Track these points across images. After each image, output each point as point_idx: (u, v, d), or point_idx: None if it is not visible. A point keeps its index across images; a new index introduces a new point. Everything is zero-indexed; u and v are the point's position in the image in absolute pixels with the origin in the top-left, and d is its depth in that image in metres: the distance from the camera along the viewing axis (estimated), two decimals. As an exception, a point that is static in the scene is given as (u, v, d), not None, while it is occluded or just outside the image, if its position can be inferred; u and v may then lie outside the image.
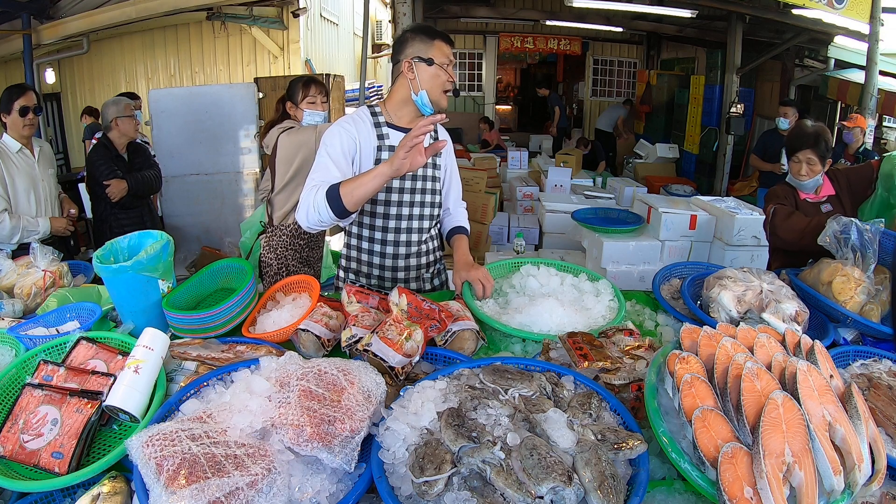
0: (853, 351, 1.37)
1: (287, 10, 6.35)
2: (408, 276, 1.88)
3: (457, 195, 2.01)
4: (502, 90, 14.05)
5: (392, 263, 1.84)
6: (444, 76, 1.67)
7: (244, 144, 5.14)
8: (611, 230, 3.56)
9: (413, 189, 1.79)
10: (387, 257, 1.83)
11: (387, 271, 1.85)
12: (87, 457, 1.08)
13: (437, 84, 1.68)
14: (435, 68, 1.66)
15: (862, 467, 0.88)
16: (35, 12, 5.31)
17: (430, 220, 1.87)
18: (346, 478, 0.95)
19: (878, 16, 4.99)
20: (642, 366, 1.23)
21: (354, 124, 1.71)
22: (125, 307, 1.50)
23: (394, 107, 1.75)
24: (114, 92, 6.81)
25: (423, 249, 1.88)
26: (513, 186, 5.60)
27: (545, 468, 0.85)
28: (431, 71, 1.66)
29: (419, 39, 1.67)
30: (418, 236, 1.85)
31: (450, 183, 1.97)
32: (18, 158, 2.66)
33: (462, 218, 2.01)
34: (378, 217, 1.78)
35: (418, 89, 1.67)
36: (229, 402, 1.03)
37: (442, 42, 1.68)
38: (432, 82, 1.67)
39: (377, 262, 1.84)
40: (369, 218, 1.79)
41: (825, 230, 1.64)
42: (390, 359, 1.21)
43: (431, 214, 1.86)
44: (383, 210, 1.77)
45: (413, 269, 1.88)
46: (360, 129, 1.70)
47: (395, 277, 1.86)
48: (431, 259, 1.94)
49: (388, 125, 1.74)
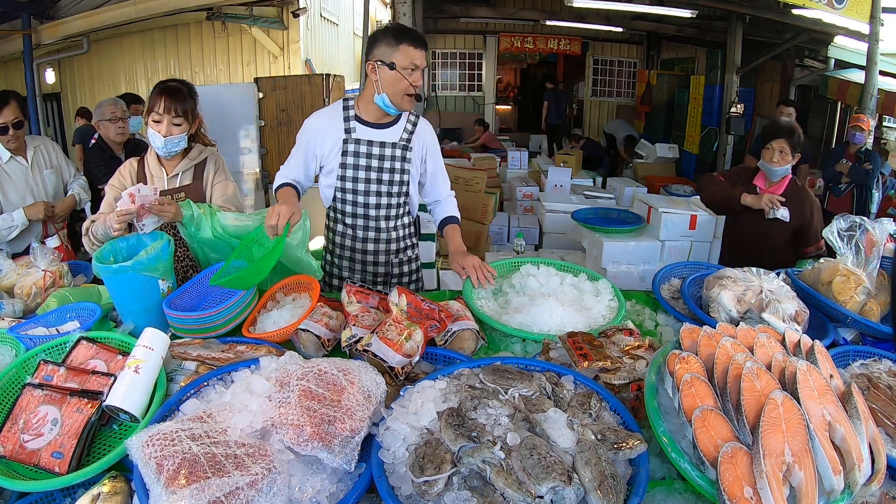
0: (853, 351, 1.37)
1: (287, 10, 6.36)
2: (377, 260, 2.01)
3: (445, 187, 2.09)
4: (502, 90, 14.04)
5: (362, 247, 1.98)
6: (405, 82, 1.73)
7: (244, 144, 5.14)
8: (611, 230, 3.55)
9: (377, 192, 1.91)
10: (357, 240, 1.97)
11: (357, 253, 1.99)
12: (88, 457, 1.08)
13: (399, 89, 1.74)
14: (395, 73, 1.71)
15: (862, 467, 0.88)
16: (35, 12, 5.31)
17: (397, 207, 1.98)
18: (346, 477, 0.95)
19: (878, 16, 4.98)
20: (642, 366, 1.23)
21: (326, 117, 1.88)
22: (125, 307, 1.51)
23: (363, 102, 1.87)
24: (114, 92, 6.80)
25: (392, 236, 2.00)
26: (513, 186, 5.60)
27: (545, 468, 0.85)
28: (393, 75, 1.72)
29: (385, 42, 1.73)
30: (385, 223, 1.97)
31: (434, 178, 2.05)
32: (10, 167, 2.52)
33: (452, 207, 2.09)
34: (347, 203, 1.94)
35: (380, 91, 1.76)
36: (229, 401, 1.03)
37: (409, 46, 1.71)
38: (393, 87, 1.74)
39: (348, 245, 1.99)
40: (341, 204, 1.95)
41: (829, 227, 1.65)
42: (390, 359, 1.21)
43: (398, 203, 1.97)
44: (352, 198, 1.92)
45: (382, 254, 2.00)
46: (331, 121, 1.86)
47: (366, 260, 2.00)
48: (402, 246, 2.05)
49: (356, 119, 1.86)
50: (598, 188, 5.40)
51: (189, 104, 1.84)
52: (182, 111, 1.81)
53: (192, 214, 1.66)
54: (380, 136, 1.86)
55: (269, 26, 6.39)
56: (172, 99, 1.79)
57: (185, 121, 1.83)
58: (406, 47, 1.71)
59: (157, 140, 1.81)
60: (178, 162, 1.91)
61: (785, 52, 6.86)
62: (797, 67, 7.14)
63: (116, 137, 3.07)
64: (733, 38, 6.77)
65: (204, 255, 1.76)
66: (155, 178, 1.90)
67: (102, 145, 3.10)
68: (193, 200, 1.74)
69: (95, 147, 3.13)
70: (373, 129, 1.86)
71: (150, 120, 1.81)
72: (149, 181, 1.88)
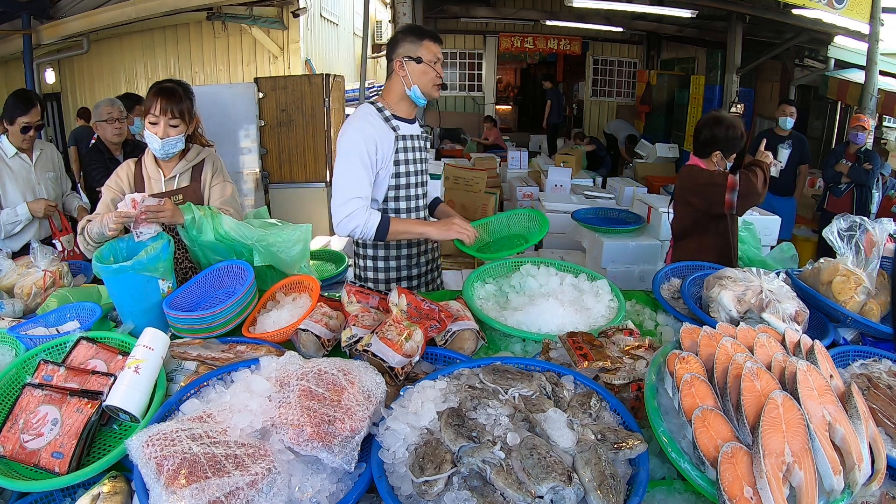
0: (853, 351, 1.37)
1: (287, 10, 6.36)
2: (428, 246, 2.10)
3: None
4: (502, 90, 14.05)
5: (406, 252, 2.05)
6: (433, 73, 1.87)
7: (244, 144, 5.13)
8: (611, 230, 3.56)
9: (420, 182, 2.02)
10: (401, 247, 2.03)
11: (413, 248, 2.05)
12: (88, 457, 1.08)
13: (428, 79, 1.87)
14: (423, 66, 1.85)
15: (862, 467, 0.88)
16: (35, 12, 5.31)
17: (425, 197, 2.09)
18: (346, 477, 0.95)
19: (878, 16, 4.99)
20: (642, 366, 1.23)
21: (370, 124, 1.85)
22: (125, 307, 1.50)
23: (393, 101, 1.93)
24: (114, 92, 6.81)
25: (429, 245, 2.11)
26: (513, 186, 5.61)
27: (545, 468, 0.85)
28: (421, 68, 1.85)
29: (409, 40, 1.85)
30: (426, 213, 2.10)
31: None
32: (14, 162, 2.60)
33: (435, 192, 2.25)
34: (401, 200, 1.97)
35: (411, 85, 1.87)
36: (229, 401, 1.03)
37: (430, 41, 1.86)
38: (423, 78, 1.86)
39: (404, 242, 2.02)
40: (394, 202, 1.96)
41: (829, 227, 1.65)
42: (390, 359, 1.21)
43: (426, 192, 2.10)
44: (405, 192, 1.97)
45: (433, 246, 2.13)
46: (377, 128, 1.85)
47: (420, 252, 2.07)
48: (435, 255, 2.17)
49: (395, 118, 1.91)
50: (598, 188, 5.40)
51: (185, 104, 1.82)
52: (179, 112, 1.79)
53: (194, 217, 1.65)
54: (412, 131, 1.96)
55: (269, 26, 6.39)
56: (168, 100, 1.77)
57: (182, 122, 1.82)
58: (428, 42, 1.85)
59: (154, 142, 1.79)
60: (175, 163, 1.90)
61: (785, 52, 6.86)
62: (797, 67, 7.14)
63: (114, 138, 3.06)
64: (733, 38, 6.77)
65: (205, 257, 1.75)
66: (152, 180, 1.88)
67: (101, 146, 3.09)
68: (192, 202, 1.72)
69: (94, 148, 3.11)
70: (407, 124, 1.95)
71: (147, 122, 1.79)
72: (146, 183, 1.87)
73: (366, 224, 1.79)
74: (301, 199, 5.34)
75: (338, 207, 1.80)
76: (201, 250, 1.72)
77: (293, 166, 5.27)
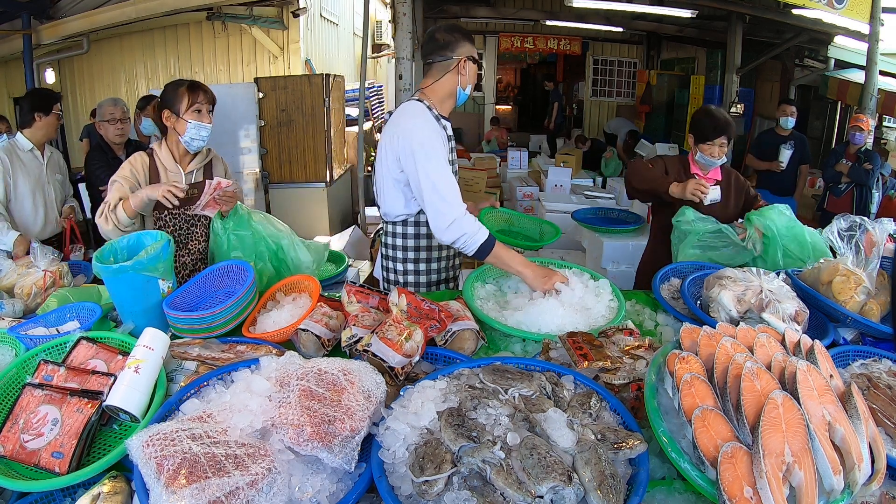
0: (853, 351, 1.37)
1: (287, 10, 6.36)
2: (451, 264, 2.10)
3: None
4: (502, 90, 14.04)
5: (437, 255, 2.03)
6: (476, 72, 1.93)
7: (244, 144, 5.13)
8: (611, 230, 3.56)
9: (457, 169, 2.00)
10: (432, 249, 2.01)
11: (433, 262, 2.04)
12: (88, 457, 1.08)
13: (474, 79, 1.92)
14: (475, 66, 1.90)
15: (862, 467, 0.88)
16: (35, 12, 5.30)
17: None
18: (346, 477, 0.95)
19: (878, 16, 4.98)
20: (642, 365, 1.23)
21: (429, 122, 1.81)
22: (125, 307, 1.51)
23: (438, 100, 1.90)
24: (114, 92, 6.82)
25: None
26: (513, 186, 5.61)
27: (545, 468, 0.85)
28: (474, 68, 1.90)
29: (468, 39, 1.88)
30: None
31: None
32: (27, 158, 2.66)
33: None
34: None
35: (466, 84, 1.90)
36: (229, 401, 1.03)
37: (470, 42, 1.90)
38: (473, 78, 1.92)
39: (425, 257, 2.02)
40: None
41: (829, 227, 1.65)
42: (390, 359, 1.21)
43: None
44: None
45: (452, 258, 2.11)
46: (434, 126, 1.82)
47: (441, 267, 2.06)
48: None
49: (441, 118, 1.90)
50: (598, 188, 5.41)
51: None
52: (213, 103, 1.92)
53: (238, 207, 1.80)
54: (450, 131, 1.95)
55: (269, 26, 6.39)
56: (206, 92, 1.90)
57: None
58: (470, 43, 1.89)
59: (201, 131, 1.87)
60: (191, 159, 1.96)
61: (785, 52, 6.86)
62: (797, 67, 7.15)
63: (115, 138, 3.08)
64: (733, 38, 6.77)
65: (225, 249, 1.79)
66: (170, 173, 1.90)
67: (103, 146, 3.11)
68: None
69: (96, 148, 3.14)
70: (448, 122, 1.94)
71: (191, 112, 1.85)
72: (162, 176, 1.89)
73: (473, 236, 1.66)
74: (301, 200, 5.34)
75: (445, 212, 1.67)
76: (228, 243, 1.77)
77: (293, 166, 5.27)
